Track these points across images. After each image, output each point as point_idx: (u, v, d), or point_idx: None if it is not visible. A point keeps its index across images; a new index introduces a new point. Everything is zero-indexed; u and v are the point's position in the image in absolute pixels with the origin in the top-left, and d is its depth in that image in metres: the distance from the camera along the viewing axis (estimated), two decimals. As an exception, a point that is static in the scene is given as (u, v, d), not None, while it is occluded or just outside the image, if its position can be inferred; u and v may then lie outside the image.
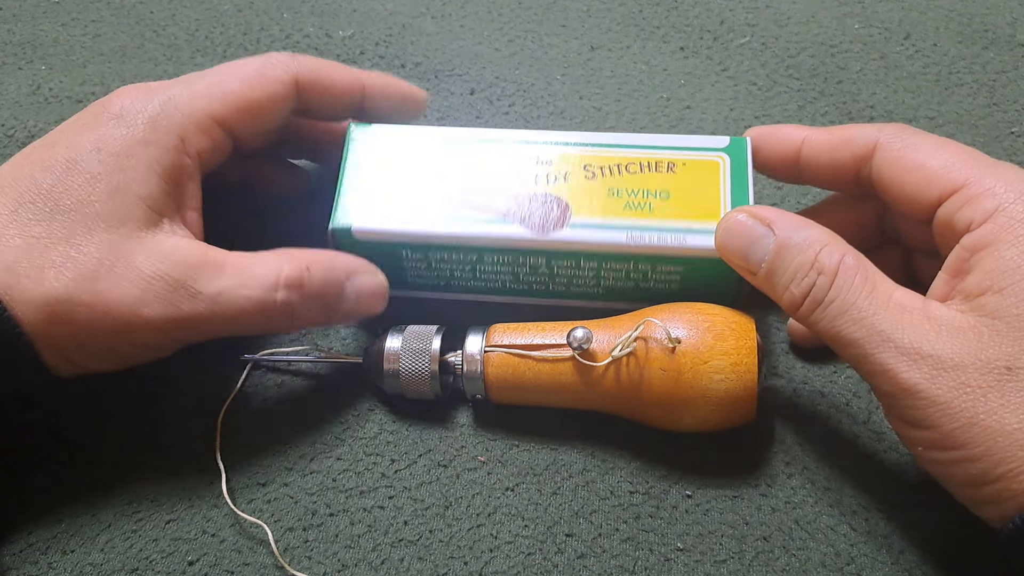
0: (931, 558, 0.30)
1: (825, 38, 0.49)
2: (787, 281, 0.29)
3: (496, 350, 0.32)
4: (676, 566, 0.30)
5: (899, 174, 0.30)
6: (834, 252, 0.28)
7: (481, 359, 0.32)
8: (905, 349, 0.26)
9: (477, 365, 0.32)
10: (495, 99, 0.46)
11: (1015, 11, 0.50)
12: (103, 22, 0.50)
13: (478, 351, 0.32)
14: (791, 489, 0.32)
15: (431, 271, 0.35)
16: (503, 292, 0.36)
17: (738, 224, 0.30)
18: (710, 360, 0.30)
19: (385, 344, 0.33)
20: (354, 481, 0.33)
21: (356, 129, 0.35)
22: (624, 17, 0.51)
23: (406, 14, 0.51)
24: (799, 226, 0.29)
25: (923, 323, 0.26)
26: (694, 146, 0.34)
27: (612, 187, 0.33)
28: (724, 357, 0.30)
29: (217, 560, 0.31)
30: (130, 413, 0.34)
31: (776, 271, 0.29)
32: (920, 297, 0.27)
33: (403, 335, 0.33)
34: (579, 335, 0.31)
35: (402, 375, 0.33)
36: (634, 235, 0.32)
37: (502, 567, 0.30)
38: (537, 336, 0.32)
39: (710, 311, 0.31)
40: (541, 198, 0.33)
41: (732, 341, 0.30)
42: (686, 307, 0.32)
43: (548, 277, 0.34)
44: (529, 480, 0.32)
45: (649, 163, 0.34)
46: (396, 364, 0.33)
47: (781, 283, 0.29)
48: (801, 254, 0.28)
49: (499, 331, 0.33)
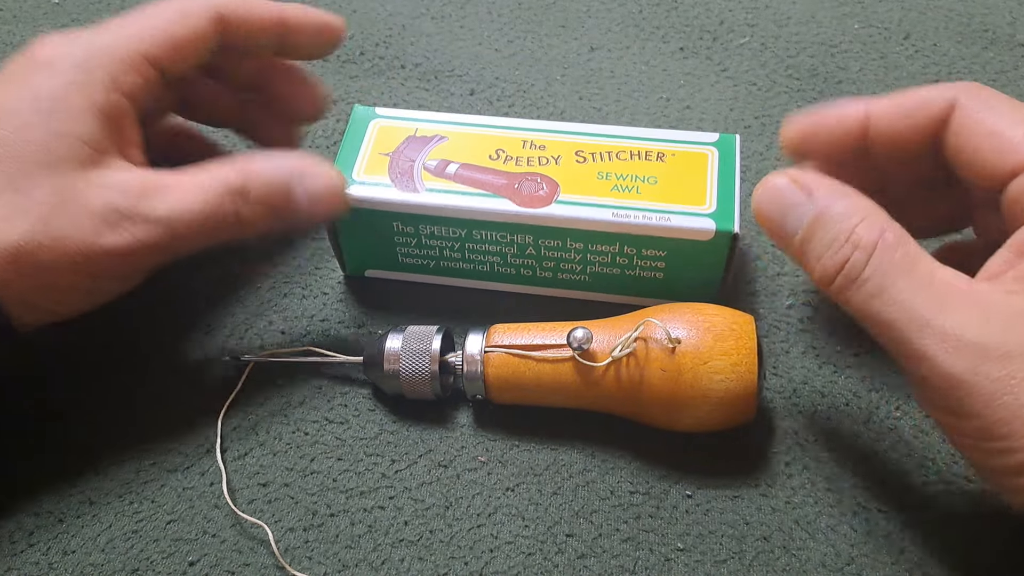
0: (931, 558, 0.30)
1: (825, 38, 0.49)
2: (820, 253, 0.27)
3: (496, 350, 0.32)
4: (676, 566, 0.30)
5: (973, 140, 0.28)
6: (873, 226, 0.26)
7: (481, 359, 0.32)
8: (947, 335, 0.24)
9: (477, 365, 0.32)
10: (495, 99, 0.46)
11: (1015, 11, 0.50)
12: (103, 23, 0.50)
13: (478, 351, 0.32)
14: (791, 489, 0.32)
15: (422, 248, 0.36)
16: (492, 277, 0.37)
17: (775, 189, 0.28)
18: (710, 360, 0.30)
19: (385, 345, 0.33)
20: (354, 481, 0.33)
21: (358, 109, 0.37)
22: (624, 17, 0.51)
23: (406, 15, 0.51)
24: (840, 195, 0.27)
25: (969, 307, 0.25)
26: (684, 140, 0.36)
27: (601, 171, 0.35)
28: (724, 357, 0.30)
29: (218, 560, 0.31)
30: (130, 413, 0.34)
31: (810, 241, 0.28)
32: (966, 279, 0.26)
33: (403, 335, 0.33)
34: (579, 335, 0.31)
35: (402, 375, 0.33)
36: (620, 213, 0.33)
37: (502, 567, 0.30)
38: (537, 336, 0.32)
39: (710, 311, 0.31)
40: (531, 176, 0.34)
41: (732, 341, 0.30)
42: (686, 307, 0.32)
43: (536, 260, 0.35)
44: (529, 480, 0.33)
45: (639, 152, 0.35)
46: (396, 364, 0.33)
47: (814, 254, 0.27)
48: (838, 225, 0.27)
49: (499, 331, 0.33)
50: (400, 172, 0.35)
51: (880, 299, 0.26)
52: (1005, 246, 0.27)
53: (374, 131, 0.37)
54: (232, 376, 0.35)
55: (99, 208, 0.29)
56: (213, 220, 0.30)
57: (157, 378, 0.35)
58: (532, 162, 0.35)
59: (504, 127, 0.37)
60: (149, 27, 0.32)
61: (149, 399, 0.35)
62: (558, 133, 0.36)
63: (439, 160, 0.35)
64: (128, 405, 0.34)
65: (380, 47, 0.49)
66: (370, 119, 0.37)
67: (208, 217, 0.30)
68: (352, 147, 0.36)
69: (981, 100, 0.28)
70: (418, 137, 0.36)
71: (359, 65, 0.48)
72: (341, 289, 0.38)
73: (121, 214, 0.29)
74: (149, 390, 0.35)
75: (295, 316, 0.37)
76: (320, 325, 0.37)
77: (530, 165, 0.35)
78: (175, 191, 0.30)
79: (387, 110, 0.37)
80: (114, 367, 0.35)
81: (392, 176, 0.35)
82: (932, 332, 0.25)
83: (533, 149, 0.36)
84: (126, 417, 0.34)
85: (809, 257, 0.28)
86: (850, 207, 0.27)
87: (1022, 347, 0.24)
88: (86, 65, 0.31)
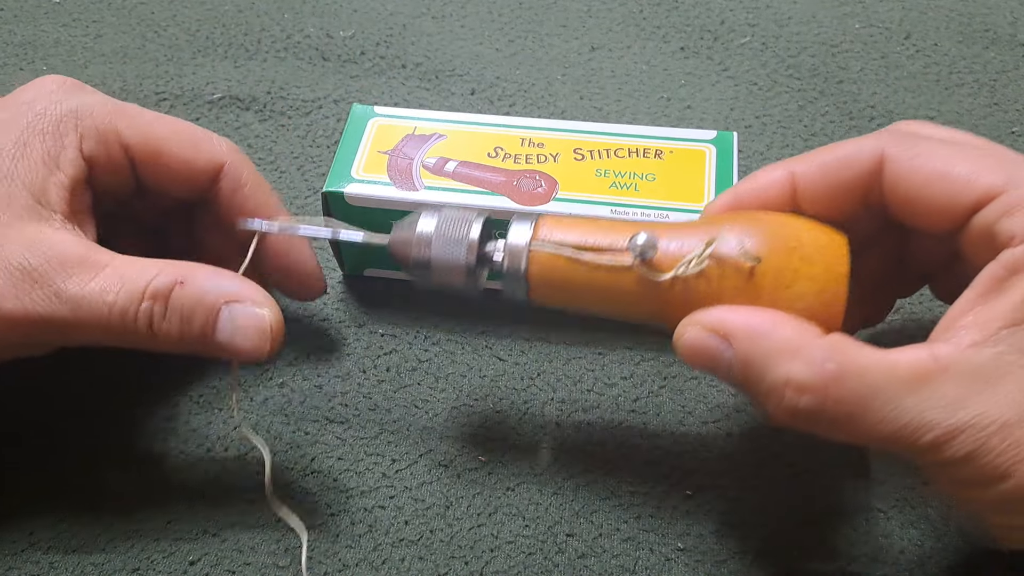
0: (931, 558, 0.30)
1: (826, 38, 0.49)
2: (764, 400, 0.25)
3: (544, 246, 0.28)
4: (677, 566, 0.30)
5: (917, 187, 0.26)
6: (812, 362, 0.24)
7: (526, 255, 0.28)
8: (943, 428, 0.23)
9: (521, 261, 0.28)
10: (496, 99, 0.46)
11: (1016, 11, 0.50)
12: (104, 23, 0.50)
13: (523, 245, 0.28)
14: (792, 490, 0.32)
15: None
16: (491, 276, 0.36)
17: (693, 340, 0.26)
18: (793, 285, 0.26)
19: (416, 226, 0.28)
20: (355, 481, 0.33)
21: (357, 108, 0.38)
22: (625, 17, 0.51)
23: (407, 14, 0.51)
24: (761, 333, 0.25)
25: (949, 387, 0.23)
26: (682, 137, 0.36)
27: (600, 168, 0.35)
28: (810, 283, 0.26)
29: (218, 560, 0.31)
30: (131, 413, 0.34)
31: (748, 387, 0.25)
32: (929, 351, 0.24)
33: (438, 216, 0.28)
34: (642, 241, 0.26)
35: (433, 264, 0.28)
36: (618, 211, 0.33)
37: (503, 567, 0.30)
38: (593, 235, 0.28)
39: (797, 226, 0.27)
40: (530, 174, 0.34)
41: (821, 266, 0.26)
42: (769, 219, 0.27)
43: None
44: (530, 480, 0.32)
45: (638, 150, 0.36)
46: (427, 251, 0.28)
47: (759, 401, 0.25)
48: (770, 373, 0.24)
49: (550, 224, 0.28)
50: (399, 170, 0.35)
51: (857, 427, 0.24)
52: (972, 287, 0.25)
53: (373, 129, 0.37)
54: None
55: (14, 265, 0.27)
56: (121, 319, 0.27)
57: (157, 376, 0.35)
58: (531, 160, 0.35)
59: (502, 125, 0.37)
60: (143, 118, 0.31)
61: (149, 398, 0.35)
62: (556, 131, 0.36)
63: (438, 158, 0.35)
64: (129, 406, 0.34)
65: (381, 47, 0.49)
66: (368, 118, 0.37)
67: (121, 312, 0.27)
68: (351, 145, 0.36)
69: (909, 146, 0.27)
70: (416, 135, 0.36)
71: (359, 65, 0.48)
72: (341, 288, 0.38)
73: (32, 279, 0.27)
74: (149, 389, 0.35)
75: (295, 316, 0.37)
76: (320, 324, 0.37)
77: (528, 163, 0.35)
78: (100, 274, 0.27)
79: (385, 108, 0.38)
80: (116, 369, 0.35)
81: (391, 174, 0.35)
82: (927, 431, 0.23)
83: (531, 147, 0.36)
84: (127, 418, 0.34)
85: (754, 402, 0.26)
86: (777, 345, 0.24)
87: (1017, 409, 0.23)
88: (62, 119, 0.30)
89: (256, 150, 0.44)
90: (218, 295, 0.28)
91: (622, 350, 0.36)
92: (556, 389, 0.35)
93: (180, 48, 0.49)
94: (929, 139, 0.27)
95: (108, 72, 0.47)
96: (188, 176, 0.32)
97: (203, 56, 0.48)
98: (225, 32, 0.50)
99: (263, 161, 0.43)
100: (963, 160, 0.26)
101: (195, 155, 0.31)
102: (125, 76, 0.47)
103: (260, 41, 0.49)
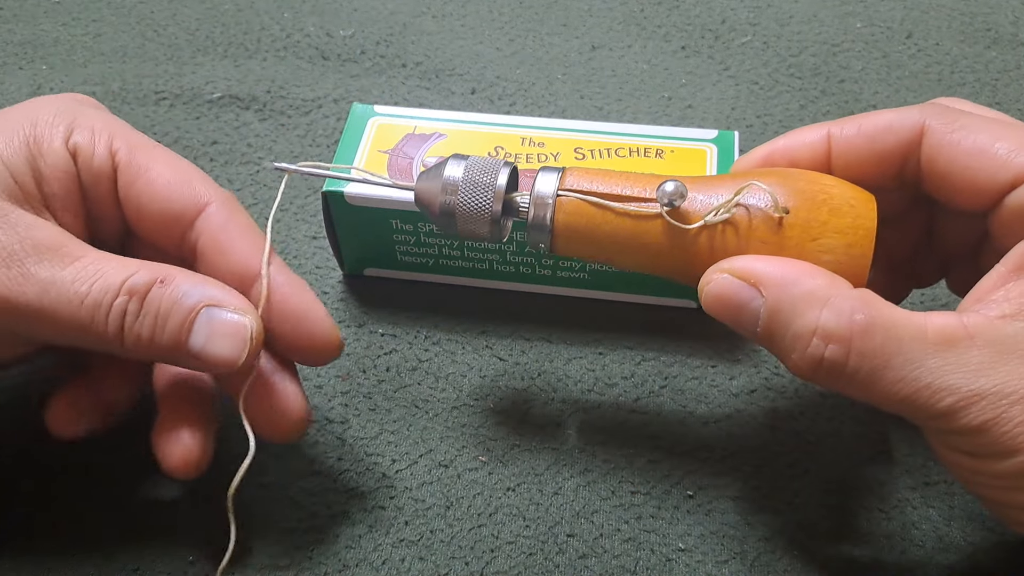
0: (931, 558, 0.30)
1: (827, 37, 0.49)
2: (788, 349, 0.25)
3: (571, 195, 0.27)
4: (677, 566, 0.30)
5: (958, 160, 0.26)
6: (841, 312, 0.24)
7: (553, 203, 0.27)
8: (963, 393, 0.23)
9: (547, 210, 0.28)
10: (496, 98, 0.46)
11: (1017, 10, 0.50)
12: (104, 22, 0.50)
13: (550, 193, 0.28)
14: (793, 490, 0.32)
15: (421, 247, 0.36)
16: (491, 275, 0.37)
17: (720, 288, 0.26)
18: (821, 237, 0.26)
19: (444, 172, 0.28)
20: (355, 481, 0.32)
21: (357, 107, 0.37)
22: (625, 16, 0.51)
23: (407, 13, 0.51)
24: (792, 280, 0.25)
25: (975, 354, 0.23)
26: (683, 136, 0.36)
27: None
28: (838, 236, 0.26)
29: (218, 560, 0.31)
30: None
31: (774, 336, 0.25)
32: (958, 318, 0.24)
33: (465, 163, 0.28)
34: (670, 189, 0.26)
35: (459, 210, 0.28)
36: None
37: (503, 567, 0.30)
38: (620, 185, 0.28)
39: (827, 182, 0.27)
40: (530, 173, 0.34)
41: (850, 219, 0.26)
42: (798, 174, 0.27)
43: (535, 257, 0.36)
44: (530, 480, 0.32)
45: (638, 149, 0.35)
46: (453, 196, 0.28)
47: (782, 351, 0.25)
48: (799, 320, 0.24)
49: (577, 174, 0.28)
50: (399, 170, 0.35)
51: (877, 386, 0.24)
52: (1002, 262, 0.25)
53: (373, 129, 0.36)
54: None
55: None
56: (91, 314, 0.26)
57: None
58: (531, 159, 0.35)
59: (503, 124, 0.37)
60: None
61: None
62: (557, 130, 0.36)
63: (438, 158, 0.35)
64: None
65: (381, 46, 0.49)
66: (368, 117, 0.37)
67: (92, 305, 0.26)
68: (351, 145, 0.36)
69: (951, 119, 0.27)
70: (417, 135, 0.36)
71: (360, 64, 0.48)
72: (341, 288, 0.38)
73: (2, 257, 0.26)
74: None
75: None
76: (320, 324, 0.37)
77: (529, 162, 0.35)
78: (76, 263, 0.26)
79: (386, 108, 0.37)
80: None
81: (391, 174, 0.35)
82: (948, 394, 0.23)
83: (532, 146, 0.36)
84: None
85: (777, 352, 0.26)
86: (807, 293, 0.24)
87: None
88: (56, 113, 0.29)
89: (256, 149, 0.43)
90: (199, 298, 0.27)
91: (622, 350, 0.36)
92: (556, 389, 0.35)
93: (180, 47, 0.49)
94: (970, 116, 0.27)
95: (108, 71, 0.47)
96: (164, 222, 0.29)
97: (203, 55, 0.48)
98: (225, 31, 0.50)
99: (263, 161, 0.43)
100: (1004, 137, 0.26)
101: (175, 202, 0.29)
102: (125, 75, 0.47)
103: (260, 40, 0.49)
